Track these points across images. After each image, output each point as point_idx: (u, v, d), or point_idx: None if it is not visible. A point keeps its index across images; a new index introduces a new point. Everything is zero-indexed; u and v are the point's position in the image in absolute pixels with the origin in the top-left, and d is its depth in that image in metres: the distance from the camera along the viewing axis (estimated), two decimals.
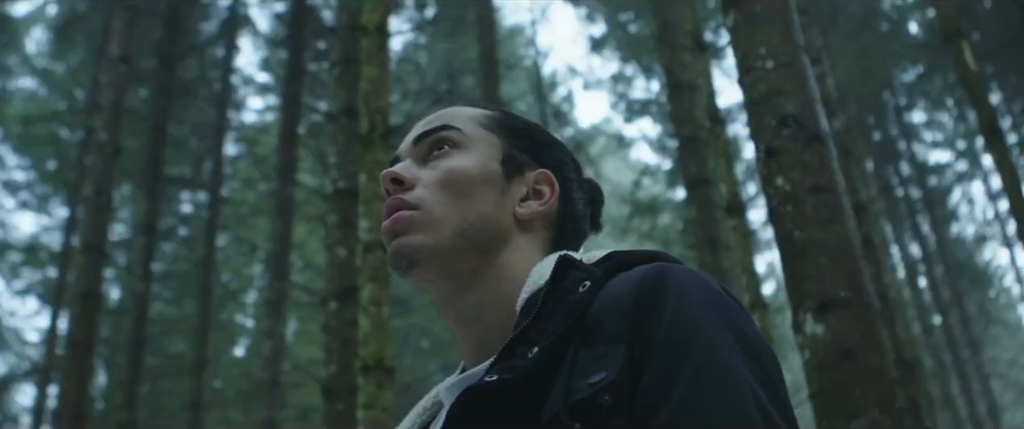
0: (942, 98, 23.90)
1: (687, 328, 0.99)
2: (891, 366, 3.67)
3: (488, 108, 1.38)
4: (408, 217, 1.23)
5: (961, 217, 27.08)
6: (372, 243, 5.39)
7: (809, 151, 4.04)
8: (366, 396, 5.09)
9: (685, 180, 12.01)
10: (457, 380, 1.20)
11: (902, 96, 24.28)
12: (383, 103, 5.68)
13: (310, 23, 16.31)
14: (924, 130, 25.53)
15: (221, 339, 21.40)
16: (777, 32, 4.37)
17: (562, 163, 1.35)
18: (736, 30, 4.52)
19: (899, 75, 23.42)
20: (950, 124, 25.02)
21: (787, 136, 4.10)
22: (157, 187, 16.00)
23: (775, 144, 4.11)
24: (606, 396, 0.96)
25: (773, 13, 4.42)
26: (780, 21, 4.40)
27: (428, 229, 1.22)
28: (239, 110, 21.44)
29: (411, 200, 1.24)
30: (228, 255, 21.64)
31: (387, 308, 5.32)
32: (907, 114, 24.83)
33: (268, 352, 14.47)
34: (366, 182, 5.59)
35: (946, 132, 25.29)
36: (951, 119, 24.82)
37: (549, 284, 1.12)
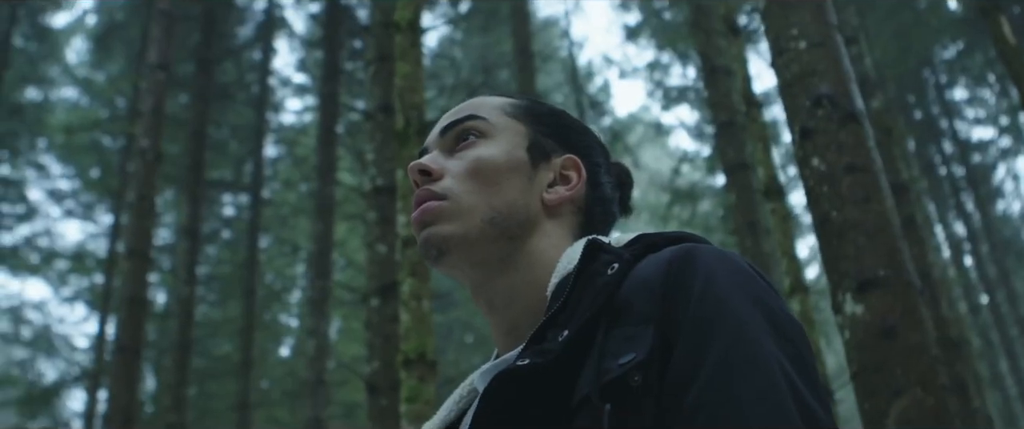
0: (984, 74, 23.57)
1: (715, 307, 0.99)
2: (933, 344, 3.64)
3: (514, 97, 1.39)
4: (437, 207, 1.24)
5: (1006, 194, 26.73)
6: (411, 238, 5.41)
7: (844, 131, 4.02)
8: (409, 390, 5.11)
9: (723, 165, 11.94)
10: (490, 366, 1.21)
11: (942, 74, 23.98)
12: (418, 99, 5.70)
13: (345, 22, 16.37)
14: (966, 107, 25.21)
15: (266, 340, 21.57)
16: (809, 12, 4.35)
17: (589, 147, 1.36)
18: (768, 12, 4.49)
19: (939, 52, 23.13)
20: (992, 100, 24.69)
21: (821, 116, 4.08)
22: (199, 191, 16.15)
23: (810, 125, 4.09)
24: (636, 376, 0.97)
25: None
26: (812, 1, 4.37)
27: (456, 218, 1.23)
28: (278, 112, 21.59)
29: (439, 190, 1.25)
30: (271, 256, 21.79)
31: (427, 302, 5.34)
32: (948, 92, 24.52)
33: (312, 351, 14.53)
34: (403, 178, 5.62)
35: (988, 108, 24.94)
36: (993, 95, 24.48)
37: (578, 267, 1.13)
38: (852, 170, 3.93)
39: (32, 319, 22.09)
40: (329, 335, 16.10)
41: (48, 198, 21.15)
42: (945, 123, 24.68)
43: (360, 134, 16.02)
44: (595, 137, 1.40)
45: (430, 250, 1.25)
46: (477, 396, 1.29)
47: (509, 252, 1.24)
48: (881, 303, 3.64)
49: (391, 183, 8.32)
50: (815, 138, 4.06)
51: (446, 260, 1.25)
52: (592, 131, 1.41)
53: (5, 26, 18.17)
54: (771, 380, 0.93)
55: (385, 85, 8.73)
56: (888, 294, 3.66)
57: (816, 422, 0.93)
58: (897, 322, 3.60)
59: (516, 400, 1.03)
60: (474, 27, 19.11)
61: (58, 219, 21.71)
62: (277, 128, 21.27)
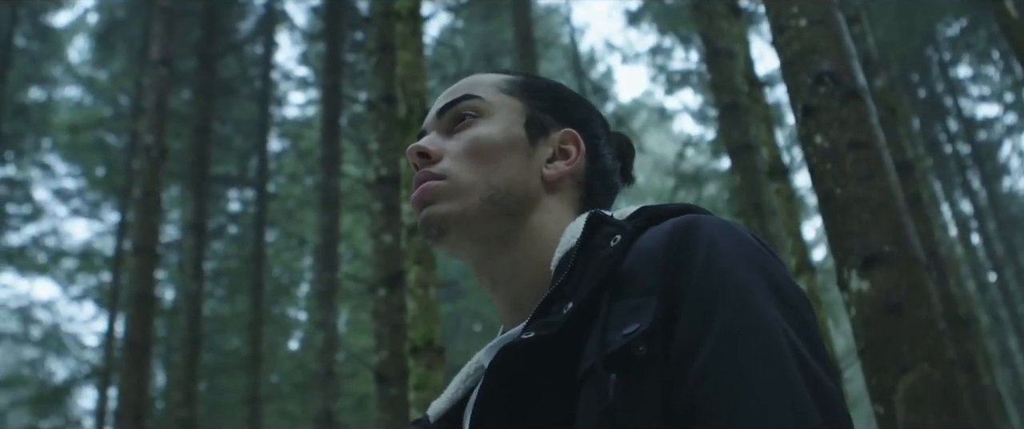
0: (987, 51, 23.51)
1: (719, 276, 0.99)
2: (939, 319, 3.63)
3: (510, 73, 1.39)
4: (435, 187, 1.24)
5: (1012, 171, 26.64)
6: (415, 226, 5.41)
7: (847, 107, 4.01)
8: (417, 378, 5.12)
9: (727, 147, 11.91)
10: (496, 341, 1.21)
11: (946, 51, 23.92)
12: (420, 87, 5.70)
13: (346, 14, 16.37)
14: (970, 84, 25.13)
15: (275, 333, 21.60)
16: None
17: (587, 121, 1.36)
18: None
19: (942, 30, 23.07)
20: (997, 77, 24.61)
21: (824, 93, 4.07)
22: (204, 186, 16.18)
23: (812, 102, 4.08)
24: (640, 347, 0.97)
25: None
26: None
27: (455, 197, 1.23)
28: (281, 106, 21.61)
29: (437, 171, 1.25)
30: (277, 250, 21.83)
31: (434, 289, 5.34)
32: (952, 69, 24.46)
33: (321, 343, 14.57)
34: (407, 167, 5.61)
35: (993, 85, 24.87)
36: (997, 72, 24.42)
37: (581, 241, 1.13)
38: (855, 146, 3.92)
39: (41, 319, 22.14)
40: (337, 327, 16.13)
41: (54, 197, 21.20)
42: (950, 101, 24.61)
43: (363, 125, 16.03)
44: (594, 109, 1.39)
45: (430, 229, 1.25)
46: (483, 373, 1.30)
47: (510, 229, 1.24)
48: (886, 279, 3.63)
49: (395, 173, 8.33)
50: (818, 115, 4.05)
51: (446, 239, 1.25)
52: (591, 103, 1.41)
53: (7, 26, 18.19)
54: (776, 348, 0.94)
55: (387, 75, 8.73)
56: (893, 270, 3.65)
57: (821, 388, 0.92)
58: (903, 298, 3.60)
59: (521, 372, 1.03)
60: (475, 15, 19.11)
61: (65, 218, 21.77)
62: (281, 122, 21.29)
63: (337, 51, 16.06)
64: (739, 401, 0.90)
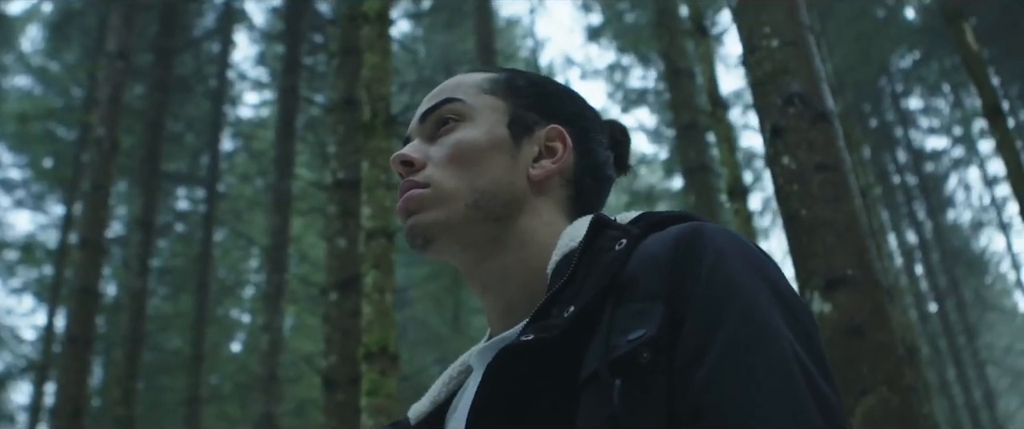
0: (939, 84, 23.90)
1: (725, 284, 0.98)
2: (899, 344, 3.66)
3: (492, 71, 1.36)
4: (419, 195, 1.22)
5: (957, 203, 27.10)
6: (375, 230, 5.37)
7: (815, 129, 4.02)
8: (370, 383, 5.08)
9: (683, 167, 11.97)
10: (489, 344, 1.19)
11: (899, 82, 24.28)
12: (385, 91, 5.67)
13: (307, 16, 16.28)
14: (920, 116, 25.54)
15: (218, 334, 21.41)
16: (782, 10, 4.35)
17: (575, 114, 1.33)
18: (741, 9, 4.49)
19: (896, 61, 23.42)
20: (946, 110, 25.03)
21: (793, 115, 4.08)
22: (154, 183, 15.98)
23: (781, 123, 4.09)
24: (645, 353, 0.95)
25: None
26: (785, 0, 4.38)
27: (439, 205, 1.21)
28: (235, 105, 21.43)
29: (420, 179, 1.23)
30: (225, 250, 21.63)
31: (390, 295, 5.31)
32: (903, 100, 24.84)
33: (266, 346, 14.42)
34: (368, 170, 5.57)
35: (942, 118, 25.30)
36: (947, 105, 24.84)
37: (584, 243, 1.11)
38: (822, 169, 3.93)
39: None
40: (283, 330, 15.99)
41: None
42: (900, 131, 24.97)
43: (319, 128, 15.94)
44: (582, 101, 1.36)
45: (416, 239, 1.23)
46: (470, 375, 1.29)
47: (498, 233, 1.22)
48: (849, 302, 3.64)
49: (354, 177, 8.27)
50: (786, 136, 4.06)
51: (433, 247, 1.23)
52: (579, 95, 1.37)
53: None
54: (782, 358, 0.93)
55: (349, 78, 8.69)
56: (856, 293, 3.66)
57: (825, 400, 0.92)
58: (864, 321, 3.61)
59: (520, 375, 1.01)
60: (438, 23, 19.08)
61: (8, 209, 21.41)
62: (234, 122, 21.11)
63: (296, 53, 15.96)
64: (745, 409, 0.89)
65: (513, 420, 1.01)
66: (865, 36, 19.14)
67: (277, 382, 14.15)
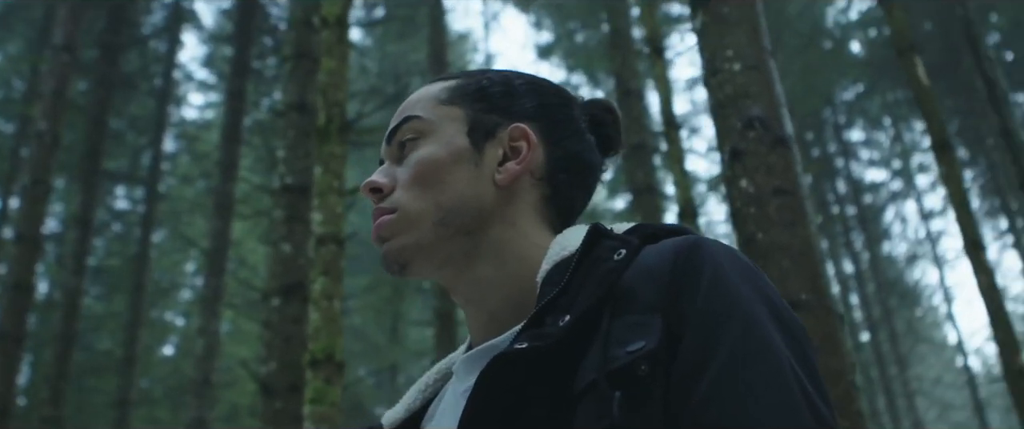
0: (880, 117, 24.31)
1: (724, 300, 0.97)
2: (850, 369, 3.68)
3: (449, 78, 1.31)
4: (387, 222, 1.20)
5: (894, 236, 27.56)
6: (326, 236, 5.31)
7: (774, 154, 4.04)
8: (314, 391, 5.00)
9: (631, 188, 12.02)
10: (476, 351, 1.16)
11: (842, 114, 24.65)
12: (341, 96, 5.61)
13: (257, 18, 16.16)
14: (861, 148, 25.95)
15: (151, 337, 21.12)
16: (745, 34, 4.37)
17: (541, 107, 1.28)
18: (704, 31, 4.51)
19: (840, 93, 23.78)
20: (887, 143, 25.45)
21: (753, 138, 4.09)
22: (94, 180, 15.73)
23: (741, 146, 4.10)
24: (643, 365, 0.94)
25: (741, 16, 4.42)
26: (748, 24, 4.40)
27: (408, 229, 1.19)
28: (180, 106, 21.21)
29: (387, 205, 1.21)
30: (163, 252, 21.36)
31: (338, 302, 5.24)
32: (846, 132, 25.22)
33: (201, 350, 14.24)
34: (321, 175, 5.50)
35: (882, 151, 25.72)
36: (888, 139, 25.26)
37: (580, 252, 1.10)
38: (780, 193, 3.95)
39: None
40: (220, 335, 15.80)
41: None
42: (841, 162, 25.34)
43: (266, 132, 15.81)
44: (551, 90, 1.32)
45: (391, 265, 1.21)
46: (446, 382, 1.27)
47: (472, 246, 1.19)
48: None
49: (302, 182, 8.20)
50: (745, 159, 4.08)
51: (409, 270, 1.21)
52: (547, 85, 1.33)
53: None
54: (781, 374, 0.92)
55: (302, 83, 8.61)
56: (810, 318, 3.68)
57: (822, 418, 0.92)
58: (818, 347, 3.62)
59: (513, 383, 0.99)
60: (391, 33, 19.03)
61: None
62: (178, 122, 20.88)
63: (245, 55, 15.82)
64: (744, 425, 0.89)
65: (505, 428, 0.99)
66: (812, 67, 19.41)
67: (211, 387, 13.97)
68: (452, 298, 1.27)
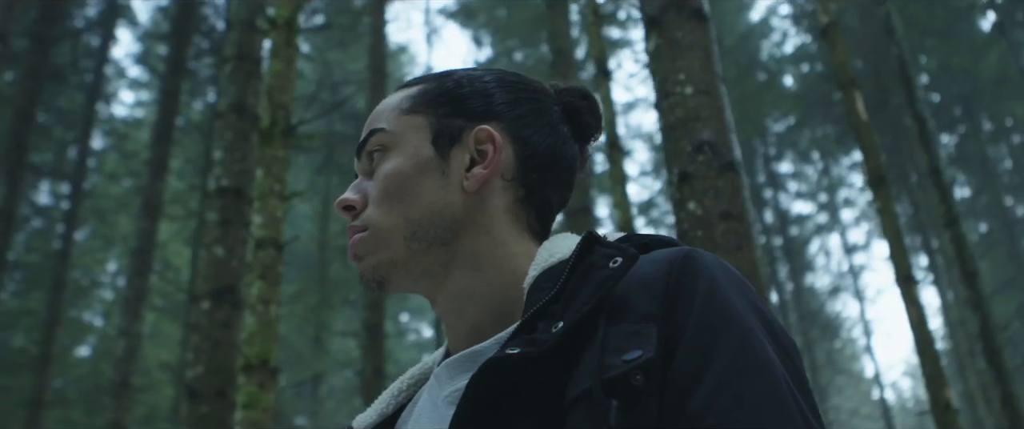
0: (809, 151, 24.70)
1: (720, 313, 0.97)
2: None
3: (412, 85, 1.28)
4: (359, 240, 1.18)
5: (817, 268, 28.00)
6: (265, 239, 5.25)
7: (722, 178, 4.07)
8: (247, 396, 4.94)
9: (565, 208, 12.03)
10: (459, 357, 1.13)
11: (772, 146, 25.01)
12: (287, 99, 5.56)
13: (195, 19, 15.97)
14: (789, 180, 26.35)
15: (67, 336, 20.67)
16: (697, 59, 4.40)
17: (507, 104, 1.24)
18: (657, 54, 4.53)
19: (771, 125, 24.13)
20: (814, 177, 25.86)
21: (702, 162, 4.12)
22: (19, 173, 15.39)
23: (689, 169, 4.13)
24: (638, 375, 0.93)
25: (695, 40, 4.45)
26: (701, 48, 4.44)
27: (381, 246, 1.17)
28: (110, 102, 20.85)
29: (359, 223, 1.19)
30: (85, 250, 20.94)
31: (275, 307, 5.17)
32: (775, 163, 25.59)
33: (122, 351, 13.97)
34: (262, 178, 5.44)
35: (810, 184, 26.13)
36: (816, 172, 25.67)
37: (574, 259, 1.08)
38: (727, 217, 3.98)
39: None
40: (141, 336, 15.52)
41: None
42: (769, 193, 25.69)
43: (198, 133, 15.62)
44: (518, 86, 1.27)
45: (370, 283, 1.19)
46: (420, 388, 1.24)
47: (448, 257, 1.17)
48: None
49: (238, 185, 8.07)
50: (693, 182, 4.10)
51: (388, 287, 1.19)
52: (514, 80, 1.28)
53: None
54: (777, 388, 0.92)
55: (242, 85, 8.48)
56: None
57: None
58: None
59: (504, 388, 0.98)
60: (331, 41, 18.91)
61: None
62: (107, 119, 20.51)
63: (181, 55, 15.62)
64: None
65: None
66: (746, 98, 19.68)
67: (130, 389, 13.70)
68: (433, 308, 1.24)
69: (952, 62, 21.53)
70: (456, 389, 1.08)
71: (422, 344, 34.10)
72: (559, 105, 1.27)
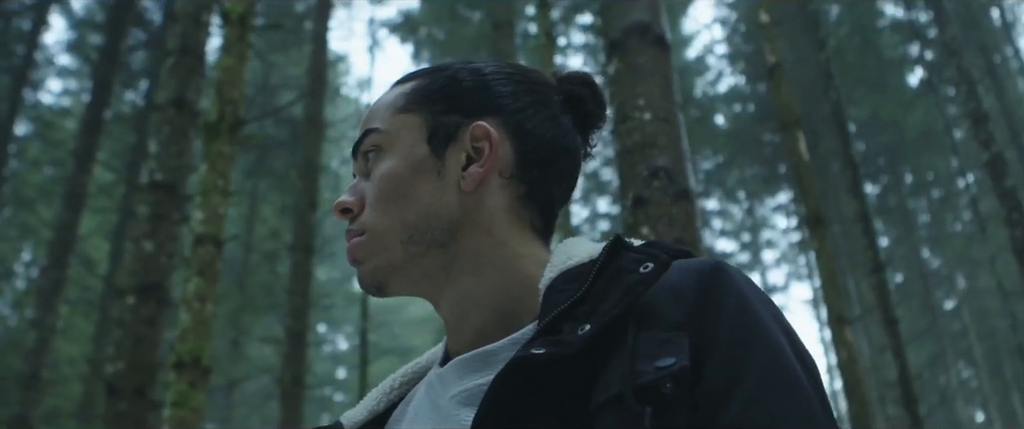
0: (735, 190, 25.03)
1: (751, 329, 0.96)
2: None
3: (407, 81, 1.24)
4: (356, 244, 1.15)
5: None
6: (205, 236, 5.15)
7: (677, 205, 4.09)
8: (176, 394, 4.83)
9: None
10: (469, 356, 1.10)
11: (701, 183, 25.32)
12: (237, 95, 5.48)
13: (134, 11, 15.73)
14: (715, 218, 26.66)
15: None
16: (657, 86, 4.44)
17: (505, 97, 1.20)
18: (617, 78, 4.56)
19: (701, 162, 24.42)
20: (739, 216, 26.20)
21: (657, 188, 4.14)
22: None
23: (644, 194, 4.15)
24: (668, 384, 0.91)
25: (655, 67, 4.49)
26: (662, 76, 4.48)
27: (378, 250, 1.14)
28: (37, 89, 20.41)
29: (356, 227, 1.16)
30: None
31: (211, 305, 5.08)
32: (702, 200, 25.90)
33: (33, 343, 13.62)
34: (206, 173, 5.35)
35: (734, 223, 26.47)
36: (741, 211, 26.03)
37: (602, 262, 1.07)
38: (680, 245, 4.00)
39: None
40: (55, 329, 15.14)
41: None
42: None
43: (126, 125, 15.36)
44: (516, 78, 1.23)
45: (369, 288, 1.17)
46: (413, 387, 1.23)
47: (448, 259, 1.14)
48: None
49: (172, 180, 7.94)
50: (648, 208, 4.12)
51: (388, 291, 1.16)
52: (512, 72, 1.24)
53: None
54: (808, 407, 0.92)
55: (183, 79, 8.35)
56: None
57: None
58: None
59: (529, 388, 0.96)
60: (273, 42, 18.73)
61: None
62: (33, 105, 20.07)
63: (116, 46, 15.35)
64: None
65: None
66: None
67: (40, 382, 13.36)
68: (436, 311, 1.20)
69: (881, 113, 21.99)
70: (465, 389, 1.06)
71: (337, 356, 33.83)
72: (560, 94, 1.23)
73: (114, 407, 7.44)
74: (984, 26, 24.55)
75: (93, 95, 15.28)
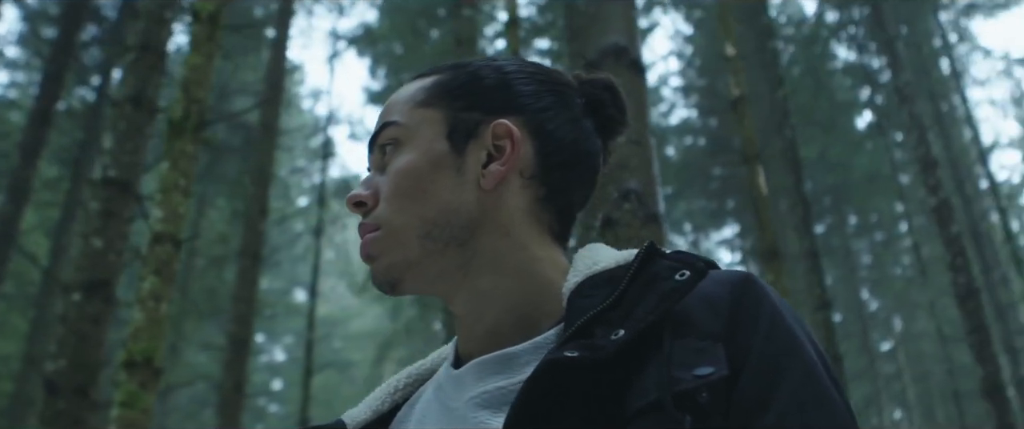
0: (682, 222, 25.22)
1: (785, 342, 0.97)
2: None
3: (428, 75, 1.23)
4: (371, 240, 1.13)
5: None
6: (163, 234, 5.08)
7: (646, 229, 4.11)
8: (126, 394, 4.74)
9: None
10: (490, 358, 1.08)
11: None
12: (203, 94, 5.42)
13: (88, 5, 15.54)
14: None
15: None
16: (631, 109, 4.40)
17: (528, 95, 1.19)
18: None
19: None
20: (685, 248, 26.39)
21: (627, 210, 4.15)
22: None
23: (614, 215, 4.16)
24: (704, 393, 0.91)
25: (630, 91, 4.48)
26: (636, 99, 4.50)
27: (393, 246, 1.12)
28: None
29: (371, 221, 1.14)
30: None
31: (166, 305, 4.99)
32: None
33: None
34: (168, 171, 5.28)
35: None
36: (686, 245, 26.21)
37: (635, 269, 1.06)
38: None
39: None
40: None
41: None
42: None
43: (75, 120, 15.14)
44: (539, 78, 1.22)
45: (383, 285, 1.14)
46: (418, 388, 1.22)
47: (466, 258, 1.12)
48: None
49: (126, 177, 7.83)
50: (617, 229, 4.13)
51: (402, 288, 1.14)
52: (535, 71, 1.24)
53: None
54: (843, 422, 0.93)
55: (142, 76, 8.25)
56: None
57: None
58: None
59: (563, 391, 0.95)
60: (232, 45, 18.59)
61: None
62: None
63: (71, 39, 15.15)
64: None
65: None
66: None
67: None
68: (450, 309, 1.18)
69: (829, 153, 22.31)
70: (486, 391, 1.04)
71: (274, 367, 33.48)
72: (582, 97, 1.23)
73: (53, 405, 7.29)
74: (934, 75, 25.04)
75: (42, 89, 15.03)
